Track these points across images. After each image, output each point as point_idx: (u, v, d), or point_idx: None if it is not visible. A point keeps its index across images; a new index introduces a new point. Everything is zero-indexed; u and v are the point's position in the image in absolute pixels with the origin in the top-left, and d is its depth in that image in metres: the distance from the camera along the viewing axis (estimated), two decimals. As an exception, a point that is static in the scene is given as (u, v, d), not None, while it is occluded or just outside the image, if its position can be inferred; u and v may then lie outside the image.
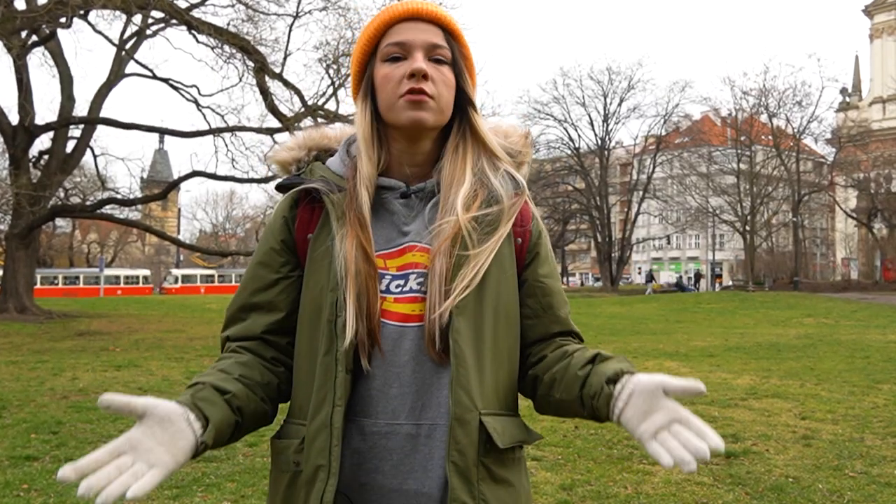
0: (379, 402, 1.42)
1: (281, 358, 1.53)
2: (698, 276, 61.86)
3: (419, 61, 1.46)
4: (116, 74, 26.75)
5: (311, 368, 1.45)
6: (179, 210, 75.21)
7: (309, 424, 1.41)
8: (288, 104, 24.55)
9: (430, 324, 1.41)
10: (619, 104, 55.12)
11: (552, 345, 1.56)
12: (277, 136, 24.50)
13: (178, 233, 68.87)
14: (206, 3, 23.97)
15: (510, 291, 1.51)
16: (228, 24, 23.72)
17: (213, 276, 67.91)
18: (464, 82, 1.53)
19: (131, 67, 27.27)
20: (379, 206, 1.51)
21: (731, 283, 59.51)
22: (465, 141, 1.54)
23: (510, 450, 1.45)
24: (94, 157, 28.96)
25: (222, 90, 34.67)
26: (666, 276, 73.67)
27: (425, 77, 1.46)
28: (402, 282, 1.46)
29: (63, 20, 21.74)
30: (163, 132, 27.85)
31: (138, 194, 32.81)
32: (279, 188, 1.56)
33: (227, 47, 23.31)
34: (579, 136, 57.88)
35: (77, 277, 61.55)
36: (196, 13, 22.80)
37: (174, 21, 23.34)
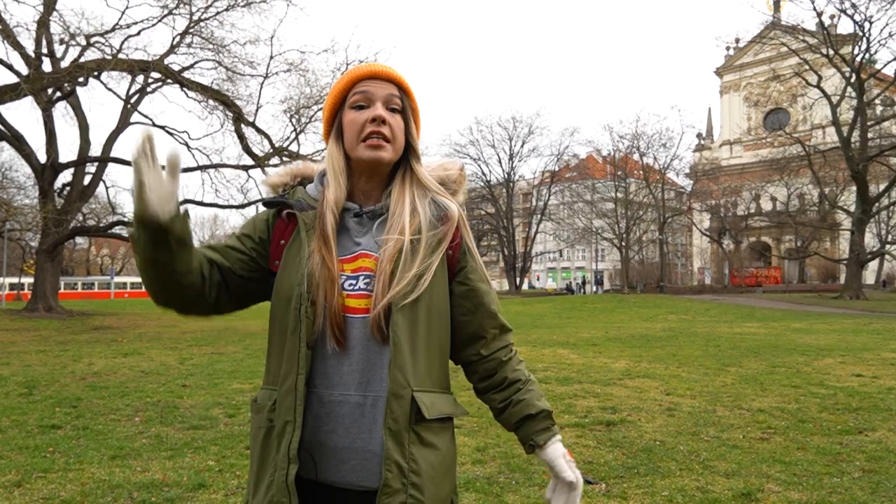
0: (333, 376, 1.46)
1: (213, 273, 1.53)
2: (584, 281, 62.79)
3: (379, 109, 1.53)
4: (124, 122, 27.42)
5: (280, 344, 1.49)
6: (174, 231, 74.75)
7: (279, 388, 1.46)
8: (260, 146, 25.92)
9: (375, 315, 1.45)
10: (522, 146, 56.42)
11: (488, 347, 1.62)
12: (251, 172, 26.19)
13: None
14: (195, 66, 25.36)
15: (441, 294, 1.54)
16: (212, 83, 25.36)
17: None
18: (409, 129, 1.60)
19: (135, 117, 27.94)
20: (341, 222, 1.56)
21: (609, 287, 60.56)
22: (408, 175, 1.60)
23: (438, 420, 1.49)
24: (106, 188, 30.31)
25: (207, 135, 34.56)
26: (562, 282, 74.60)
27: (384, 122, 1.53)
28: (353, 281, 1.49)
29: (81, 80, 22.98)
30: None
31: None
32: (266, 204, 1.64)
33: (211, 101, 24.83)
34: (490, 171, 58.94)
35: (93, 284, 63.42)
36: (187, 74, 24.40)
37: (169, 80, 24.44)
